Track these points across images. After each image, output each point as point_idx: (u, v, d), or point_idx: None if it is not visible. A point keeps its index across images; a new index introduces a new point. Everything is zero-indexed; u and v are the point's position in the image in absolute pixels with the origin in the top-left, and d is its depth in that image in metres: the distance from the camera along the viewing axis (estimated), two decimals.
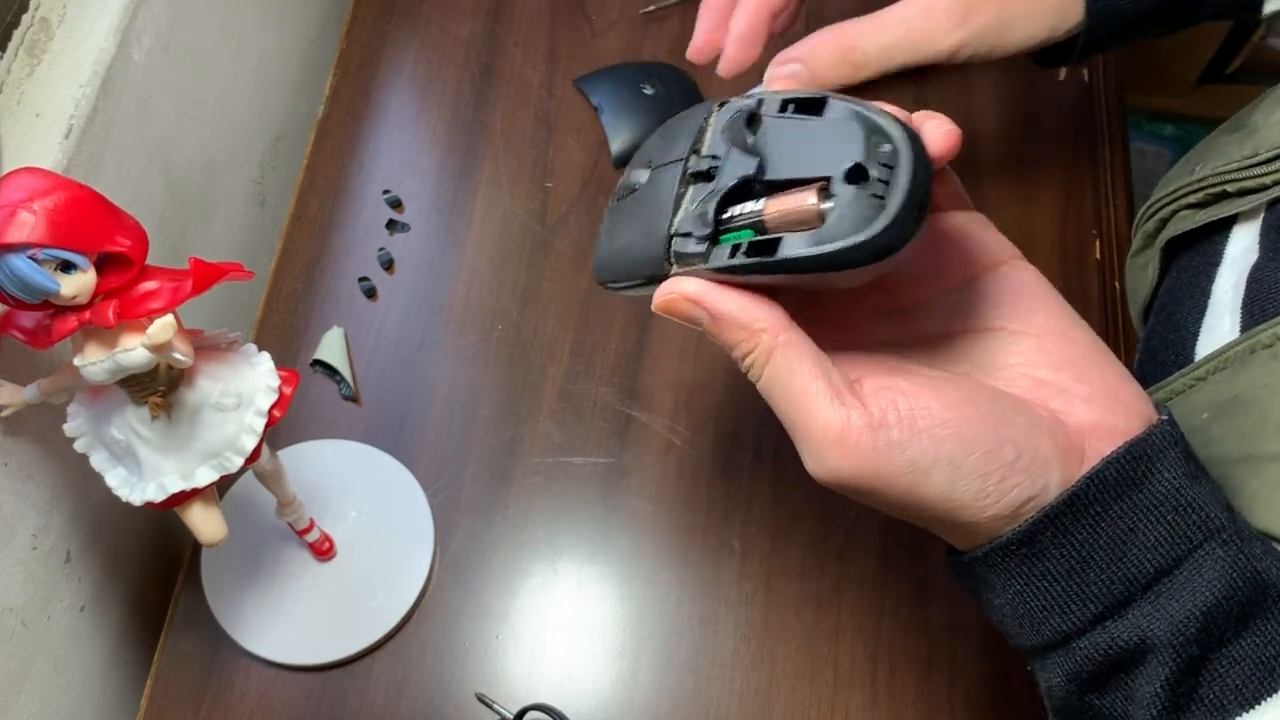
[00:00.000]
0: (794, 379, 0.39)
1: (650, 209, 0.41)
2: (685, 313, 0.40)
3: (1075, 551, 0.39)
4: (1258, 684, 0.38)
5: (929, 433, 0.38)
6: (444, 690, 0.65)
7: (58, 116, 0.59)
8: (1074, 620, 0.39)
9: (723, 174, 0.39)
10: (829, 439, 0.38)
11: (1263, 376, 0.48)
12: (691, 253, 0.39)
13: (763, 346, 0.39)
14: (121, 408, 0.51)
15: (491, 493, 0.70)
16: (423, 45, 0.86)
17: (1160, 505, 0.38)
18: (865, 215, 0.36)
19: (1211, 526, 0.39)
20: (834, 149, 0.37)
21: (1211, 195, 0.58)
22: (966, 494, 0.38)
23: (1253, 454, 0.47)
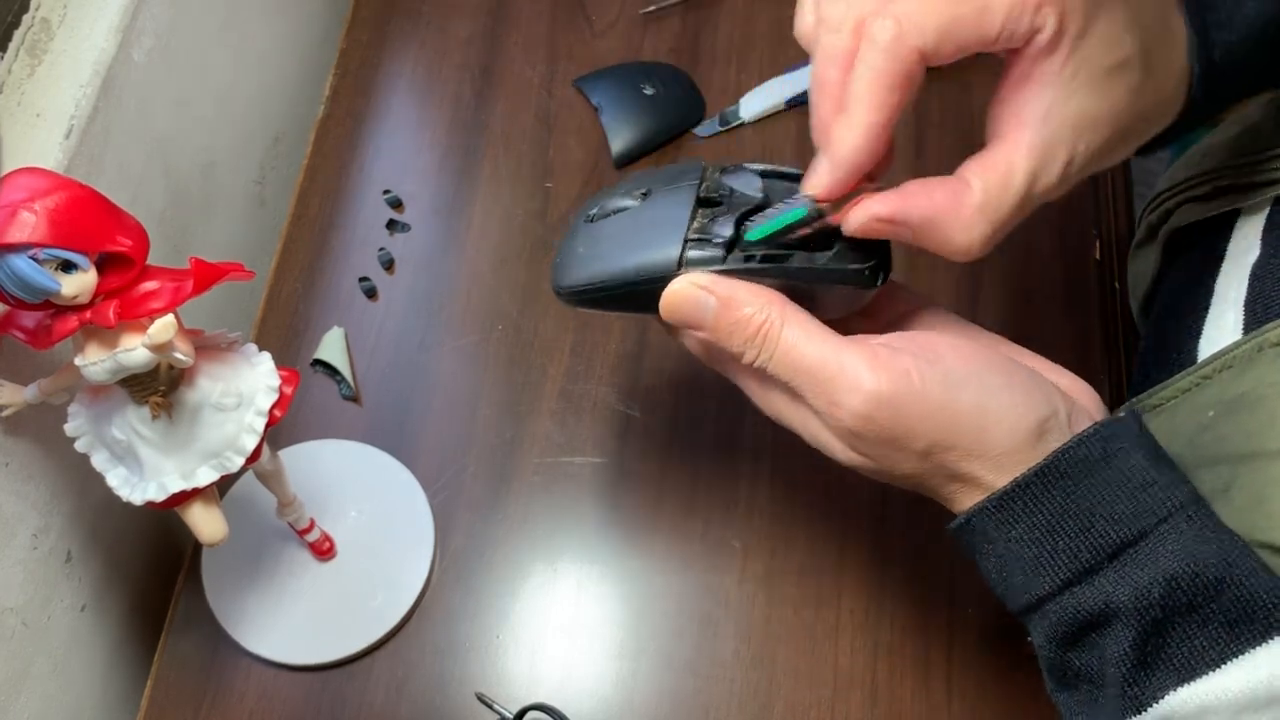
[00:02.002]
0: (809, 342, 0.42)
1: (655, 222, 0.44)
2: (695, 300, 0.43)
3: (1045, 520, 0.41)
4: (1224, 646, 0.40)
5: (951, 354, 0.42)
6: (444, 690, 0.65)
7: (58, 116, 0.59)
8: (1045, 585, 0.42)
9: (733, 200, 0.44)
10: (860, 370, 0.40)
11: (1269, 375, 0.49)
12: (709, 256, 0.43)
13: (773, 318, 0.42)
14: (122, 407, 0.51)
15: (491, 493, 0.70)
16: (423, 45, 0.86)
17: (1128, 482, 0.41)
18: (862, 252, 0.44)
19: (1175, 504, 0.41)
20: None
21: (1218, 188, 0.58)
22: (1001, 405, 0.41)
23: (1258, 451, 0.47)
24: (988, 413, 0.41)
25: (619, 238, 0.45)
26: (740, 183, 0.45)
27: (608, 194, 0.47)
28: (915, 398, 0.40)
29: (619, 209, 0.46)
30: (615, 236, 0.45)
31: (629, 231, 0.45)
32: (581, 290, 0.46)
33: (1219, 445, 0.50)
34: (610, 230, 0.45)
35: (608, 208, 0.46)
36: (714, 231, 0.43)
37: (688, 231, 0.44)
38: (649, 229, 0.44)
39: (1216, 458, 0.50)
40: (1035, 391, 0.42)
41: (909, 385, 0.40)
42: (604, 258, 0.45)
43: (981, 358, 0.42)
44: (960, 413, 0.41)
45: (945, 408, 0.41)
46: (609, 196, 0.47)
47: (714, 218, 0.44)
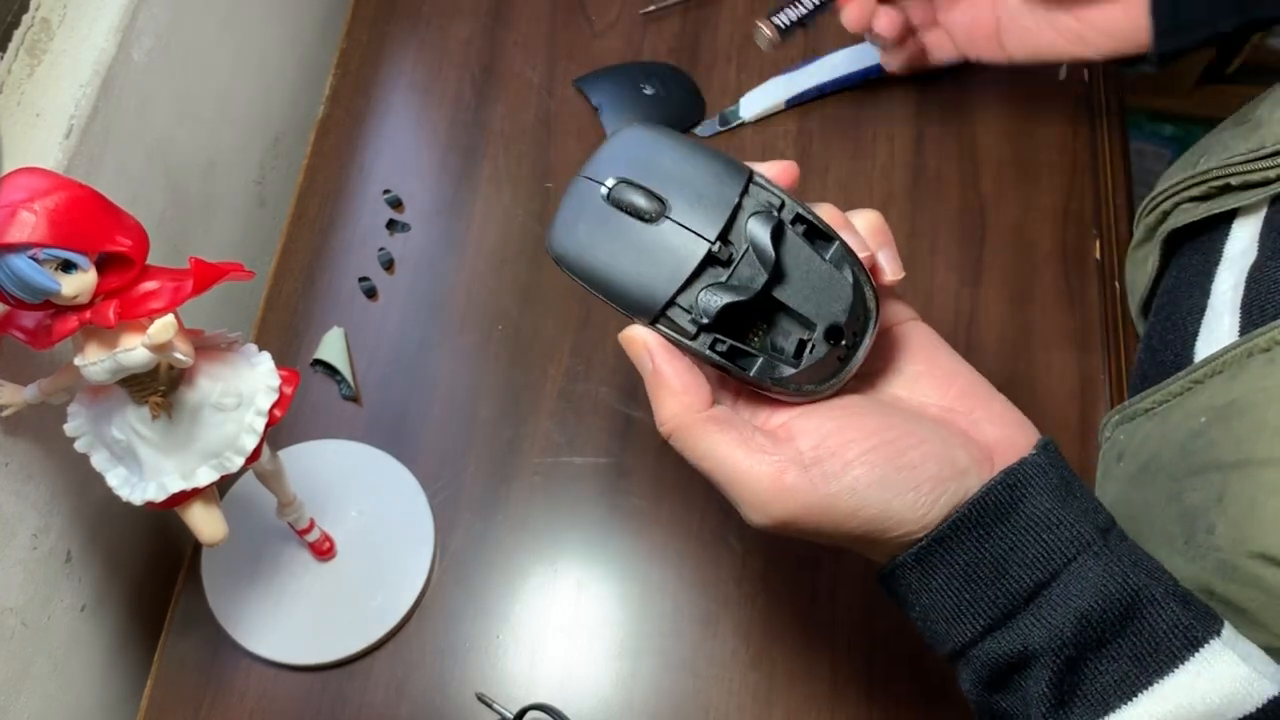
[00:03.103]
0: (721, 447, 0.43)
1: (659, 258, 0.44)
2: (638, 356, 0.45)
3: (962, 569, 0.42)
4: (1134, 679, 0.41)
5: (860, 460, 0.42)
6: (444, 690, 0.65)
7: (58, 116, 0.59)
8: (966, 632, 0.43)
9: (738, 274, 0.43)
10: (765, 487, 0.42)
11: (1259, 381, 0.48)
12: (682, 326, 0.44)
13: (685, 423, 0.44)
14: (122, 407, 0.51)
15: (491, 493, 0.70)
16: (423, 45, 0.86)
17: (1034, 526, 0.42)
18: (826, 370, 0.44)
19: (1082, 542, 0.42)
20: (826, 296, 0.44)
21: (1215, 188, 0.58)
22: (902, 508, 0.42)
23: (1248, 459, 0.47)
24: (890, 515, 0.42)
25: (617, 250, 0.44)
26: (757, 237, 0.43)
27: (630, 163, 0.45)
28: (821, 512, 0.42)
29: (634, 209, 0.44)
30: (616, 243, 0.44)
31: (629, 251, 0.44)
32: (570, 270, 0.45)
33: (1211, 452, 0.50)
34: (616, 231, 0.44)
35: (625, 198, 0.44)
36: (699, 306, 0.43)
37: (678, 290, 0.43)
38: (649, 260, 0.44)
39: (1208, 465, 0.50)
40: (945, 483, 0.42)
41: (815, 502, 0.42)
42: (598, 257, 0.44)
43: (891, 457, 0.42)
44: (866, 519, 0.42)
45: (852, 516, 0.42)
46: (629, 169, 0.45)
47: (710, 286, 0.43)
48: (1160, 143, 1.55)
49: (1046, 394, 0.72)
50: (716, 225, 0.43)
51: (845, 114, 0.82)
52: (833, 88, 0.82)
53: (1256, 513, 0.46)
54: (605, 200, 0.45)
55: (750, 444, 0.43)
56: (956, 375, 0.47)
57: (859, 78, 0.82)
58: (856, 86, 0.83)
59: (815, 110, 0.82)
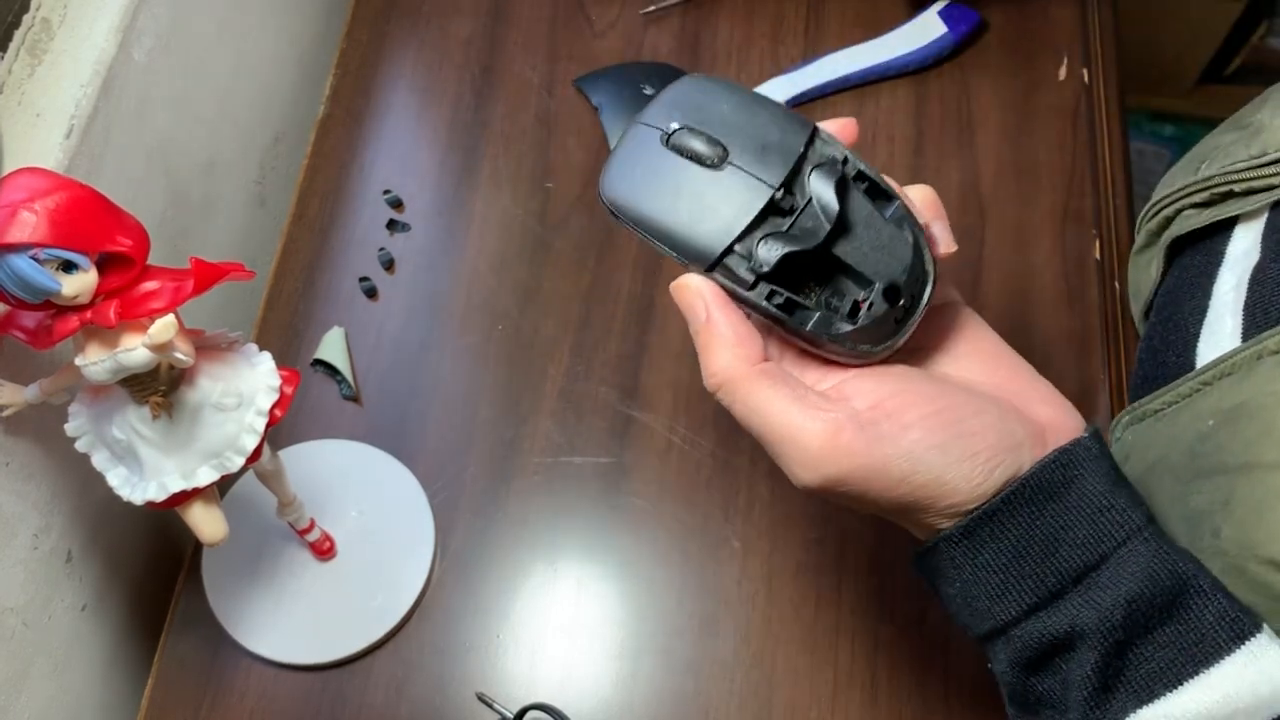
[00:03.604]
0: (775, 402, 0.42)
1: (718, 201, 0.43)
2: (691, 305, 0.43)
3: (1011, 546, 0.42)
4: (1180, 668, 0.41)
5: (919, 423, 0.41)
6: (444, 690, 0.65)
7: (58, 116, 0.59)
8: (1011, 610, 0.42)
9: (800, 224, 0.43)
10: (819, 444, 0.41)
11: (1268, 384, 0.48)
12: (739, 275, 0.42)
13: (738, 375, 0.42)
14: (122, 407, 0.51)
15: (491, 493, 0.70)
16: (423, 45, 0.86)
17: (1087, 507, 0.42)
18: (883, 331, 0.43)
19: (1133, 527, 0.42)
20: (886, 255, 0.43)
21: (1217, 195, 0.58)
22: (958, 476, 0.41)
23: (1256, 462, 0.47)
24: (944, 483, 0.41)
25: (677, 194, 0.43)
26: (821, 192, 0.43)
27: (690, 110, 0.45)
28: (873, 475, 0.41)
29: (695, 154, 0.44)
30: (675, 188, 0.44)
31: (689, 195, 0.43)
32: (624, 217, 0.45)
33: (1218, 455, 0.50)
34: (674, 177, 0.44)
35: (685, 143, 0.44)
36: (758, 256, 0.42)
37: (738, 236, 0.42)
38: (709, 206, 0.43)
39: (1215, 468, 0.50)
40: (1000, 454, 0.42)
41: (869, 464, 0.41)
42: (655, 202, 0.44)
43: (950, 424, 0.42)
44: (919, 485, 0.41)
45: (904, 481, 0.41)
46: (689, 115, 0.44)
47: (770, 235, 0.42)
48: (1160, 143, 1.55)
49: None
50: (780, 173, 0.43)
51: (845, 114, 0.81)
52: (833, 88, 0.82)
53: (1264, 517, 0.46)
54: (664, 145, 0.44)
55: (804, 400, 0.42)
56: (1003, 358, 0.46)
57: (859, 78, 0.82)
58: (856, 86, 0.83)
59: (815, 110, 0.82)
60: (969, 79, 0.82)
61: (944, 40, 0.82)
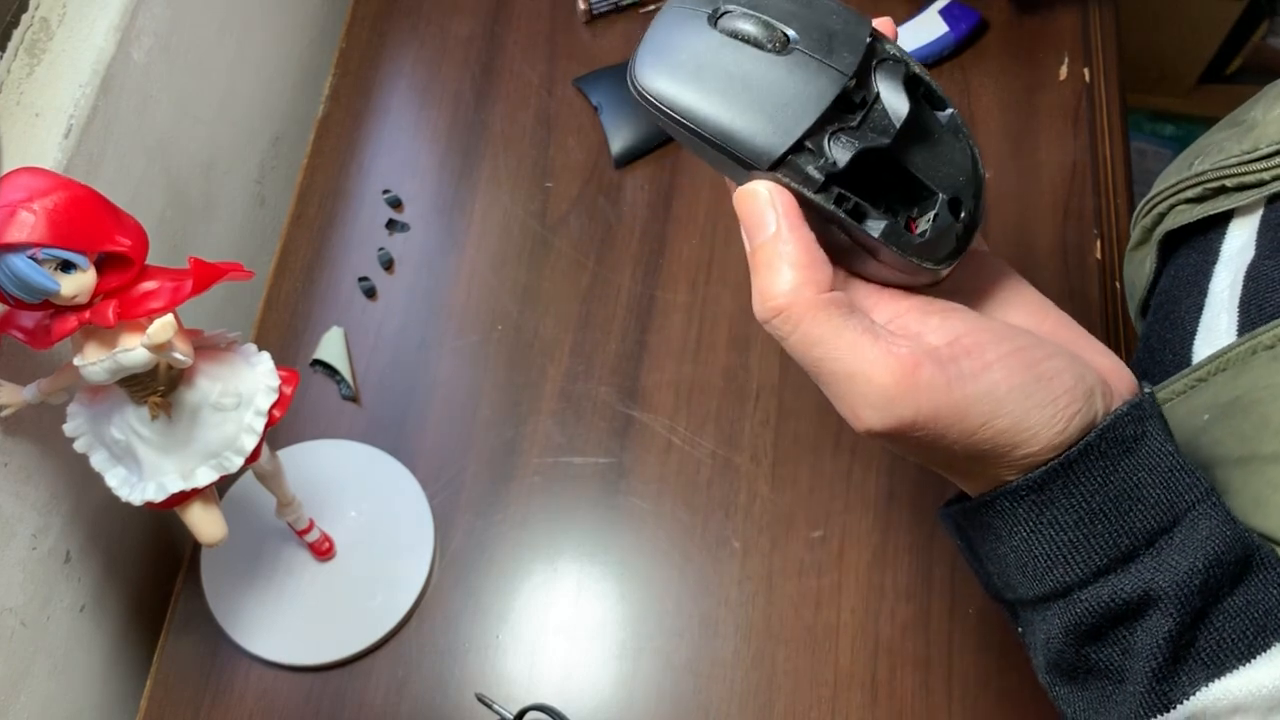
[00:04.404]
0: (845, 333, 0.38)
1: (780, 95, 0.38)
2: (759, 214, 0.39)
3: (1084, 502, 0.39)
4: (1252, 638, 0.39)
5: (1000, 362, 0.38)
6: (444, 690, 0.65)
7: (58, 116, 0.59)
8: (1078, 571, 0.39)
9: (870, 121, 0.38)
10: (894, 381, 0.37)
11: (1264, 378, 0.48)
12: (808, 174, 0.38)
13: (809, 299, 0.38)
14: (121, 407, 0.51)
15: (491, 493, 0.70)
16: (423, 45, 0.86)
17: (1159, 466, 0.39)
18: (947, 246, 0.40)
19: (1201, 490, 0.39)
20: (948, 165, 0.40)
21: (1210, 190, 0.58)
22: (1040, 422, 0.38)
23: (1253, 455, 0.47)
24: (1026, 427, 0.38)
25: (732, 80, 0.38)
26: (888, 90, 0.39)
27: None
28: (952, 417, 0.38)
29: (749, 37, 0.39)
30: (728, 75, 0.38)
31: (747, 82, 0.38)
32: (666, 107, 0.39)
33: (1215, 449, 0.50)
34: (727, 61, 0.39)
35: (739, 27, 0.39)
36: (829, 153, 0.38)
37: (808, 130, 0.38)
38: (771, 97, 0.38)
39: (1212, 461, 0.50)
40: (1078, 399, 0.38)
41: (948, 403, 0.37)
42: (704, 90, 0.39)
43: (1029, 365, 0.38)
44: (1000, 430, 0.38)
45: (985, 425, 0.38)
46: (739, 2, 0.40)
47: (840, 131, 0.38)
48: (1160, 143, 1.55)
49: None
50: (853, 62, 0.38)
51: None
52: None
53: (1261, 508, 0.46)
54: (711, 26, 0.39)
55: (877, 333, 0.38)
56: (1047, 309, 0.43)
57: None
58: None
59: None
60: (970, 78, 0.82)
61: (945, 39, 0.82)
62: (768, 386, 0.72)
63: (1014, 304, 0.43)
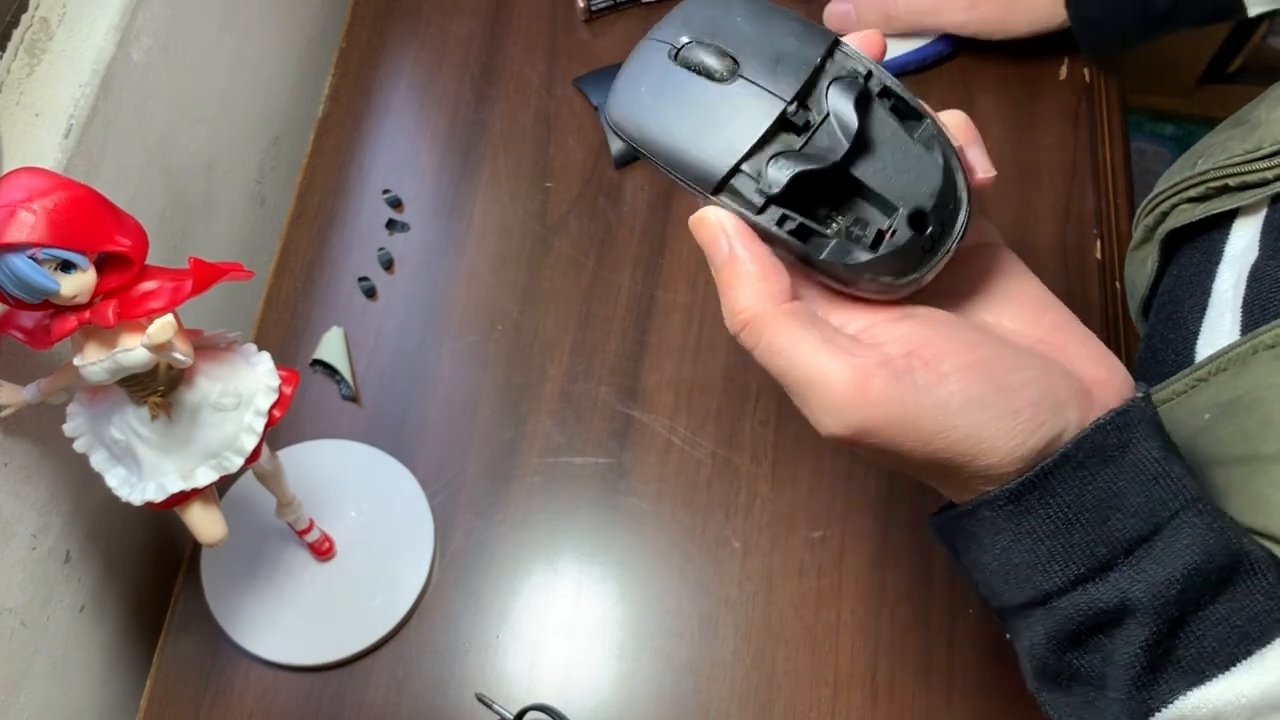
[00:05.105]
0: (800, 344, 0.39)
1: (725, 117, 0.40)
2: (713, 239, 0.40)
3: (1061, 512, 0.39)
4: (1233, 647, 0.39)
5: (957, 374, 0.38)
6: (444, 690, 0.65)
7: (57, 116, 0.59)
8: (1056, 579, 0.40)
9: (815, 143, 0.39)
10: (848, 391, 0.38)
11: (1265, 377, 0.48)
12: (748, 198, 0.39)
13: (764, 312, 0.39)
14: (121, 408, 0.51)
15: (491, 493, 0.70)
16: (423, 45, 0.86)
17: (1141, 474, 0.39)
18: (908, 262, 0.39)
19: (1188, 497, 0.39)
20: (912, 178, 0.40)
21: (1213, 189, 0.58)
22: (997, 434, 0.38)
23: (1255, 454, 0.47)
24: (981, 440, 0.38)
25: (683, 110, 0.40)
26: (841, 108, 0.39)
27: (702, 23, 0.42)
28: (904, 426, 0.38)
29: (703, 68, 0.41)
30: (681, 105, 0.41)
31: (695, 112, 0.40)
32: (628, 136, 0.42)
33: (1216, 448, 0.50)
34: (681, 92, 0.41)
35: (694, 57, 0.41)
36: (768, 176, 0.39)
37: (745, 154, 0.39)
38: (716, 122, 0.40)
39: (1213, 460, 0.50)
40: (1043, 413, 0.39)
41: (901, 412, 0.38)
42: (660, 120, 0.41)
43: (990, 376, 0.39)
44: (954, 441, 0.38)
45: (938, 436, 0.38)
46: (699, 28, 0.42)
47: (781, 154, 0.39)
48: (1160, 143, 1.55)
49: None
50: (794, 85, 0.39)
51: None
52: None
53: (1262, 507, 0.46)
54: (672, 60, 0.41)
55: (833, 342, 0.39)
56: (1048, 308, 0.43)
57: None
58: None
59: None
60: (970, 79, 0.82)
61: (945, 40, 0.82)
62: (768, 386, 0.72)
63: (1014, 303, 0.43)
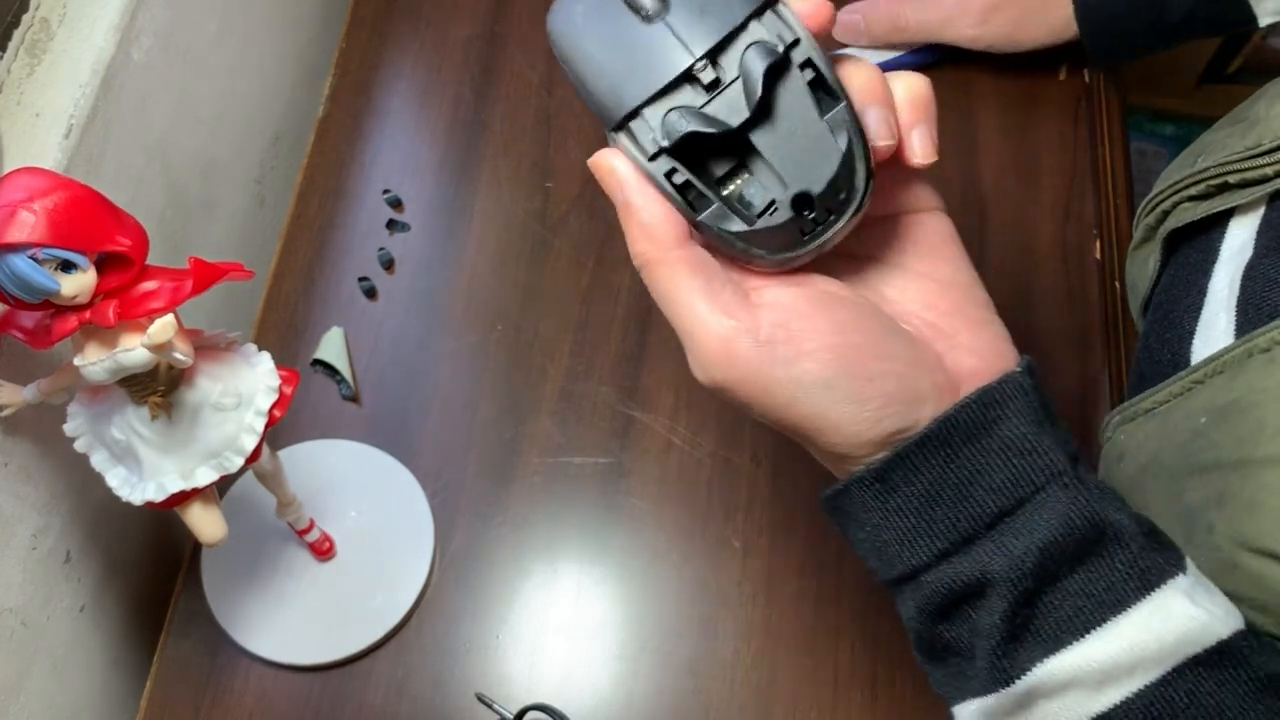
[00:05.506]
0: (684, 293, 0.41)
1: (638, 58, 0.40)
2: (609, 186, 0.42)
3: (924, 489, 0.41)
4: (1088, 615, 0.40)
5: (814, 354, 0.40)
6: (444, 690, 0.65)
7: (58, 116, 0.59)
8: (922, 555, 0.41)
9: (716, 102, 0.39)
10: (714, 348, 0.40)
11: (1260, 381, 0.48)
12: (642, 143, 0.40)
13: (654, 255, 0.41)
14: (121, 407, 0.51)
15: (491, 493, 0.70)
16: (423, 45, 0.86)
17: (1006, 450, 0.41)
18: (782, 241, 0.40)
19: (1054, 470, 0.41)
20: (809, 159, 0.40)
21: (1213, 187, 0.58)
22: (841, 417, 0.40)
23: (1248, 458, 0.47)
24: (825, 419, 0.41)
25: (607, 41, 0.41)
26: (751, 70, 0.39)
27: None
28: (758, 390, 0.40)
29: (634, 4, 0.40)
30: (606, 35, 0.41)
31: (617, 45, 0.40)
32: (556, 51, 0.43)
33: (1211, 452, 0.50)
34: (610, 23, 0.41)
35: None
36: (664, 125, 0.39)
37: (646, 100, 0.39)
38: (630, 61, 0.40)
39: (1209, 465, 0.50)
40: (893, 405, 0.40)
41: (756, 377, 0.40)
42: (583, 45, 0.41)
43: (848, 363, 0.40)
44: (801, 416, 0.41)
45: (786, 408, 0.41)
46: None
47: (683, 108, 0.39)
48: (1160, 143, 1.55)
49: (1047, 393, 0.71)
50: (707, 42, 0.39)
51: None
52: None
53: (1256, 512, 0.46)
54: None
55: (714, 297, 0.40)
56: (955, 287, 0.44)
57: None
58: None
59: None
60: (970, 78, 0.82)
61: None
62: None
63: (917, 276, 0.44)
